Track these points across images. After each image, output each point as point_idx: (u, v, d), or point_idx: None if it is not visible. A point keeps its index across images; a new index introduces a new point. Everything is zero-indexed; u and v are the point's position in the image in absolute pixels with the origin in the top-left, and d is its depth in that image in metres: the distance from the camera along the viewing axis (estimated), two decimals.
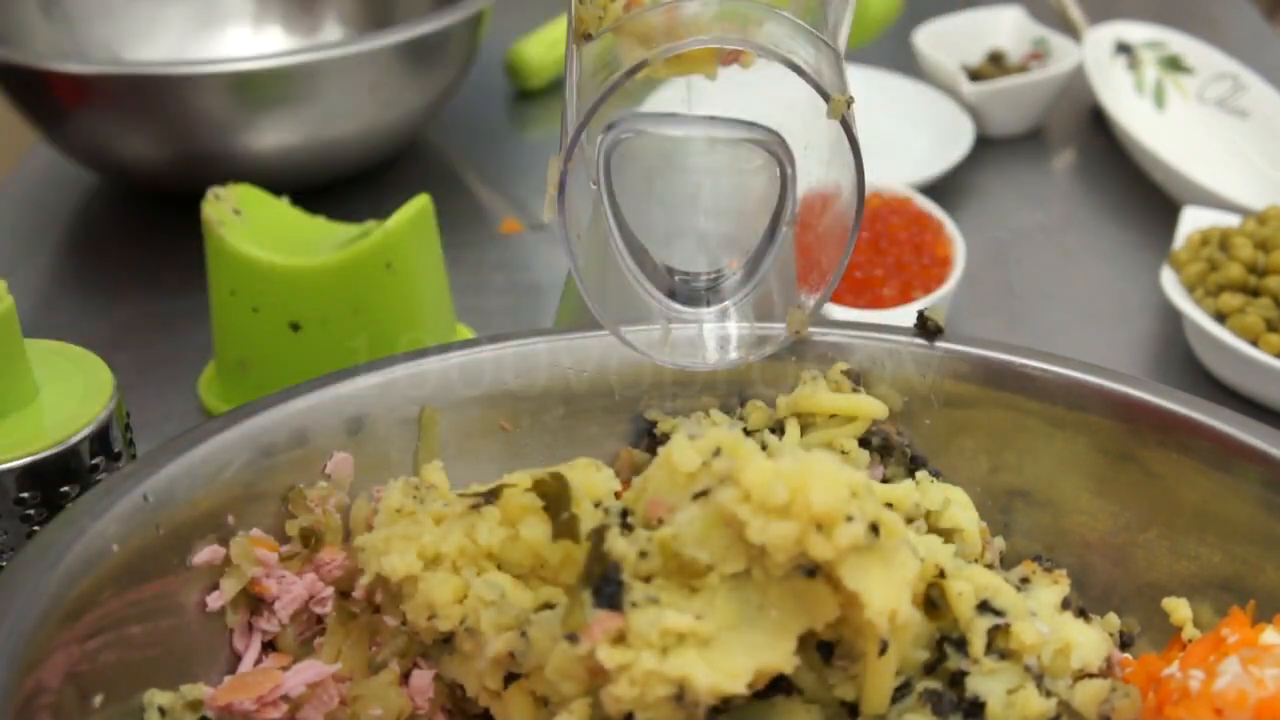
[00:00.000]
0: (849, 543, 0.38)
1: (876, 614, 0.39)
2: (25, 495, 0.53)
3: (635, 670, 0.39)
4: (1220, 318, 0.78)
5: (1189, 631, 0.51)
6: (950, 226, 0.85)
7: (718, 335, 0.55)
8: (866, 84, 1.07)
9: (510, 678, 0.44)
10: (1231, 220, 0.85)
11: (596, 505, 0.45)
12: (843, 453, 0.54)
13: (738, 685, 0.39)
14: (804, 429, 0.55)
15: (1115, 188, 1.03)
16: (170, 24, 1.08)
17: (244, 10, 1.10)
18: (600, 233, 0.52)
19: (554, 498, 0.44)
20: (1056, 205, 1.02)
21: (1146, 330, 0.86)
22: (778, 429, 0.55)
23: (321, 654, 0.49)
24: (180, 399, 0.77)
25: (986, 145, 1.06)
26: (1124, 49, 1.11)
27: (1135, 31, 1.12)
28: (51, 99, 0.88)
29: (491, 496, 0.45)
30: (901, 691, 0.44)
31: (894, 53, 1.16)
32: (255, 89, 0.87)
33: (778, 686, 0.43)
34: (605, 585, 0.40)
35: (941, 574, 0.45)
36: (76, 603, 0.43)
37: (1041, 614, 0.46)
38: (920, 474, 0.54)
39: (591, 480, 0.46)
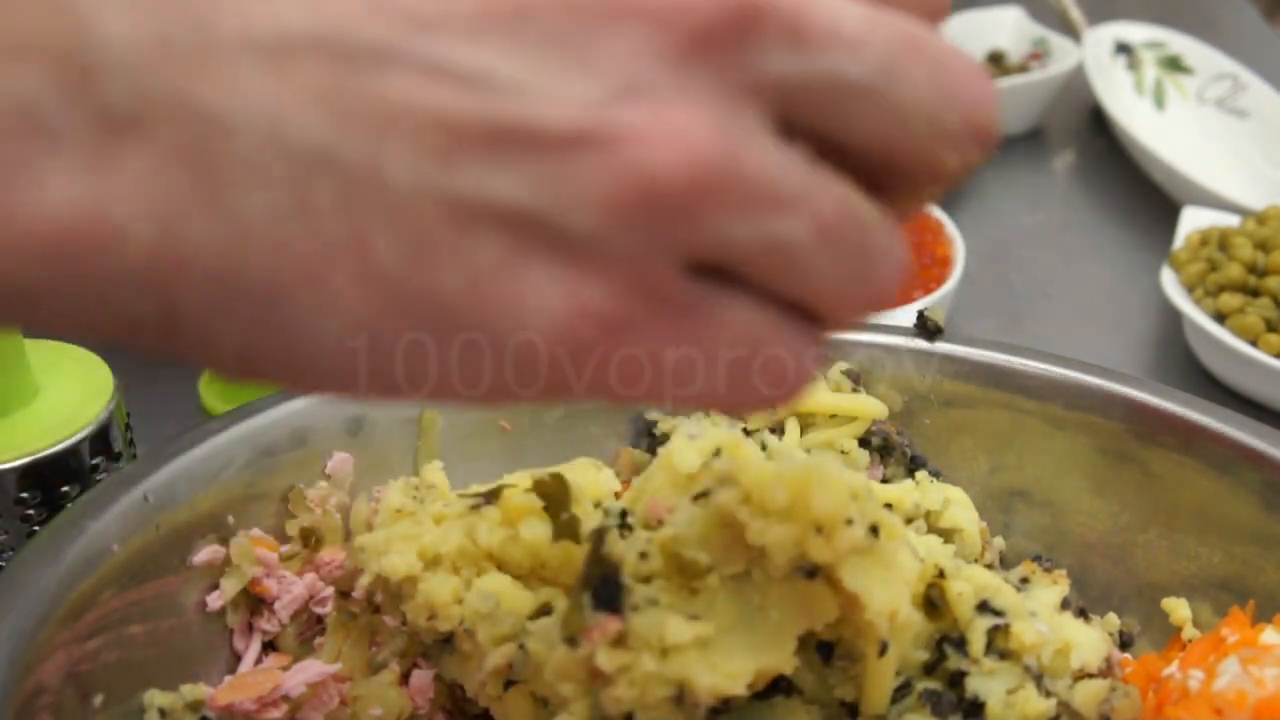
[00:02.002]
0: (849, 545, 0.38)
1: (876, 615, 0.39)
2: (25, 495, 0.53)
3: (635, 672, 0.39)
4: (1220, 318, 0.78)
5: (1188, 631, 0.51)
6: (950, 226, 0.85)
7: None
8: None
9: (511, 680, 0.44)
10: (1231, 220, 0.85)
11: (596, 506, 0.45)
12: (843, 453, 0.54)
13: (737, 686, 0.39)
14: (804, 429, 0.55)
15: (1115, 188, 1.03)
16: None
17: None
18: None
19: (554, 498, 0.44)
20: (1056, 205, 1.02)
21: (1146, 330, 0.86)
22: (778, 429, 0.55)
23: (321, 654, 0.49)
24: (180, 399, 0.77)
25: None
26: (1124, 49, 1.11)
27: (1135, 32, 1.12)
28: None
29: (491, 497, 0.45)
30: (901, 692, 0.44)
31: None
32: None
33: (778, 687, 0.43)
34: (605, 587, 0.40)
35: (941, 574, 0.45)
36: (76, 603, 0.43)
37: (1041, 614, 0.46)
38: (920, 474, 0.54)
39: (592, 480, 0.46)
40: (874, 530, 0.39)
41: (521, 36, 0.24)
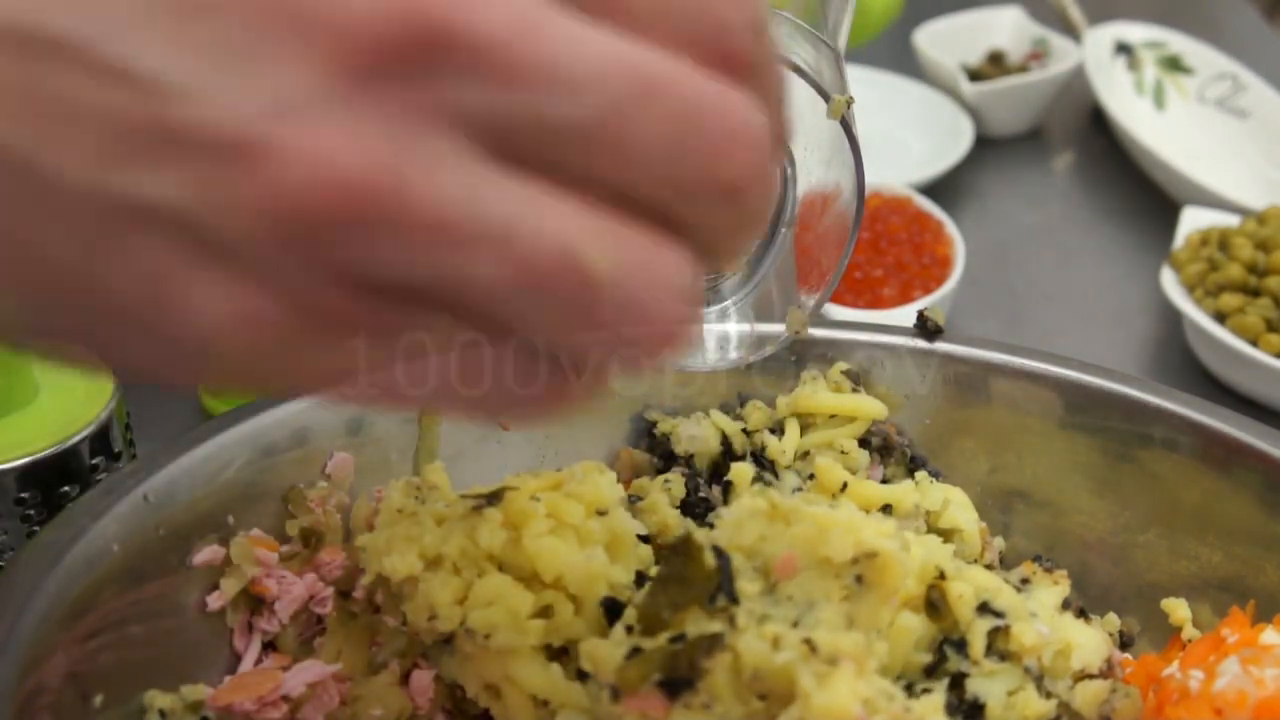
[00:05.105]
0: None
1: None
2: (25, 495, 0.53)
3: None
4: (1220, 318, 0.78)
5: (1188, 632, 0.51)
6: (950, 226, 0.85)
7: (718, 335, 0.55)
8: (866, 84, 1.07)
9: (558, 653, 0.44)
10: (1231, 220, 0.85)
11: (601, 514, 0.45)
12: (843, 453, 0.54)
13: None
14: (804, 429, 0.55)
15: (1115, 188, 1.03)
16: None
17: None
18: None
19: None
20: (1056, 205, 1.02)
21: (1146, 330, 0.86)
22: (778, 429, 0.55)
23: (321, 654, 0.49)
24: (180, 399, 0.77)
25: (986, 145, 1.06)
26: (1124, 49, 1.11)
27: (1135, 31, 1.12)
28: None
29: (494, 498, 0.45)
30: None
31: (894, 53, 1.16)
32: None
33: None
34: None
35: (942, 575, 0.45)
36: (76, 603, 0.43)
37: (1041, 615, 0.46)
38: (920, 474, 0.54)
39: (594, 484, 0.46)
40: None
41: (197, 35, 0.24)
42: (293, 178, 0.24)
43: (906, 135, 1.05)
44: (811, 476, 0.53)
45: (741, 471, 0.53)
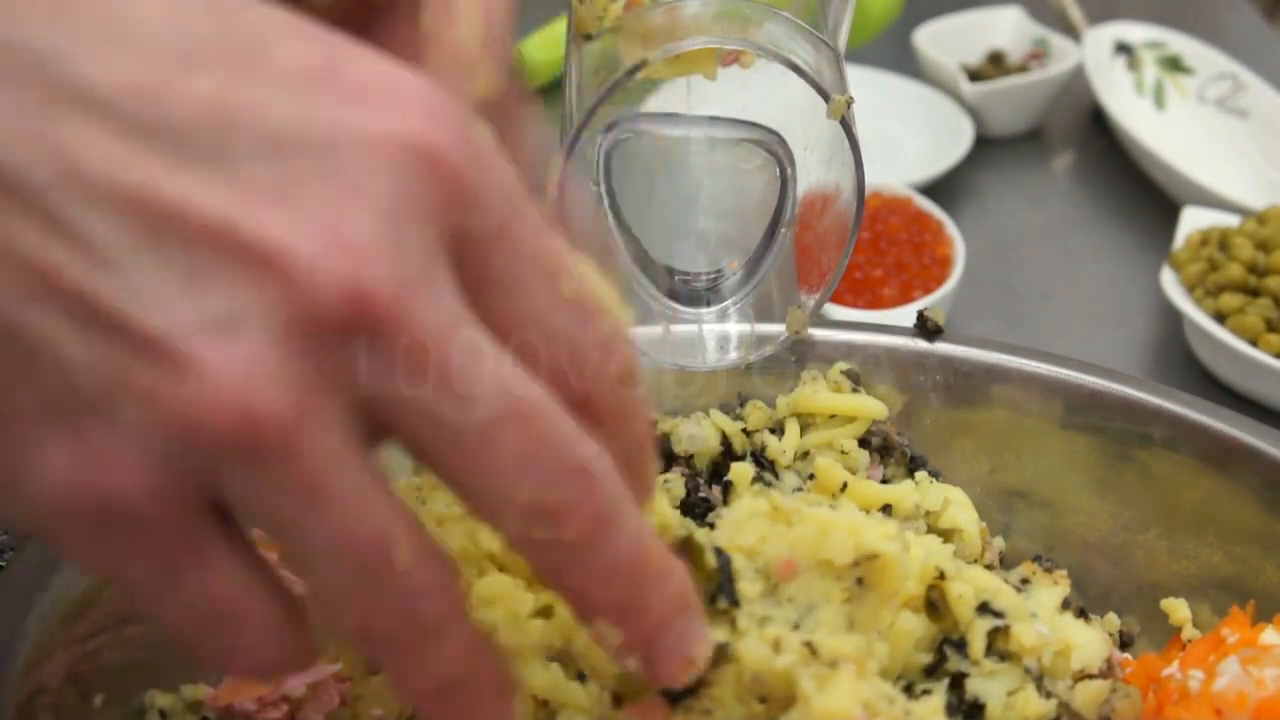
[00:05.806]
0: None
1: None
2: None
3: None
4: (1220, 318, 0.78)
5: (1188, 632, 0.51)
6: (950, 226, 0.85)
7: (718, 335, 0.55)
8: (866, 84, 1.07)
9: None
10: (1231, 220, 0.85)
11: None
12: (842, 453, 0.54)
13: None
14: (804, 429, 0.55)
15: (1115, 188, 1.03)
16: None
17: None
18: (600, 233, 0.52)
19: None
20: (1056, 205, 1.02)
21: (1146, 330, 0.86)
22: (778, 429, 0.55)
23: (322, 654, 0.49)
24: None
25: (986, 145, 1.06)
26: (1124, 49, 1.11)
27: (1135, 32, 1.12)
28: None
29: None
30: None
31: (894, 53, 1.16)
32: None
33: None
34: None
35: (942, 576, 0.45)
36: (76, 603, 0.43)
37: (1041, 615, 0.46)
38: (920, 474, 0.54)
39: None
40: None
41: (155, 233, 0.25)
42: (200, 399, 0.25)
43: (906, 135, 1.05)
44: (811, 476, 0.53)
45: (741, 471, 0.53)
